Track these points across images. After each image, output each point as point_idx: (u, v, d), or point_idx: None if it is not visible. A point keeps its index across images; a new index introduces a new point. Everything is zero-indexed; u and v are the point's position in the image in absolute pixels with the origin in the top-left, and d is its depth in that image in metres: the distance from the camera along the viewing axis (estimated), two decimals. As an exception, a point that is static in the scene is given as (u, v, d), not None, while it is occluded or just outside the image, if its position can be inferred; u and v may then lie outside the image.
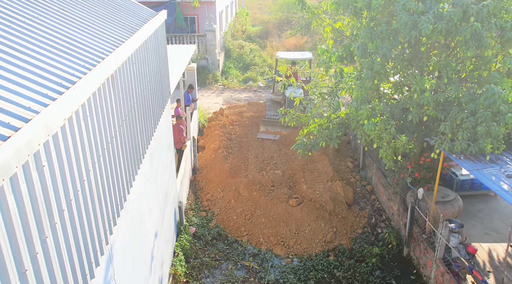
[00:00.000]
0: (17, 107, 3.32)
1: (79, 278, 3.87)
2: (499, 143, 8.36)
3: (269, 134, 15.61)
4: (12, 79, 3.60)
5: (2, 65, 3.69)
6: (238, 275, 9.86)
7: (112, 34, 6.10)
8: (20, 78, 3.70)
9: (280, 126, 15.29)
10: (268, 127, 15.88)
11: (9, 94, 3.39)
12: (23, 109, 3.33)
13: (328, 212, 11.41)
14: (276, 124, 15.65)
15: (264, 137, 15.45)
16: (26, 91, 3.57)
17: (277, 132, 15.61)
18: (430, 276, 9.32)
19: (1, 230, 2.66)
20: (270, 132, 15.74)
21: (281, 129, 15.53)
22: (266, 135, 15.51)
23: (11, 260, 2.75)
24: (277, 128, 15.68)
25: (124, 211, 5.42)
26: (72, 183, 3.74)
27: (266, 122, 16.02)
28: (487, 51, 8.35)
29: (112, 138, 4.94)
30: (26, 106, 3.40)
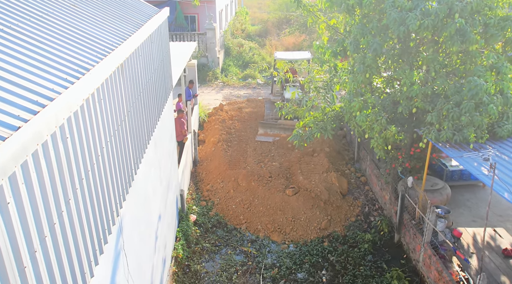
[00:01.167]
0: (42, 88, 3.83)
1: (95, 242, 4.38)
2: (483, 132, 8.87)
3: (268, 136, 15.59)
4: (37, 65, 4.11)
5: (27, 53, 4.19)
6: (237, 260, 10.38)
7: (120, 28, 6.61)
8: (42, 64, 4.21)
9: (279, 128, 15.39)
10: (266, 129, 15.87)
11: (34, 78, 3.90)
12: (47, 90, 3.84)
13: (323, 201, 11.93)
14: (275, 127, 15.68)
15: (262, 139, 15.38)
16: (48, 76, 4.08)
17: (275, 134, 15.58)
18: (418, 259, 9.83)
19: (31, 194, 3.17)
20: (269, 134, 15.70)
21: (279, 132, 15.53)
22: (264, 138, 15.48)
23: (44, 217, 3.26)
24: (275, 131, 15.69)
25: (132, 189, 5.93)
26: (89, 157, 4.25)
27: (265, 124, 15.96)
28: (472, 46, 8.87)
29: (122, 121, 5.45)
30: (50, 87, 3.90)
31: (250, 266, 10.16)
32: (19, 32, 4.56)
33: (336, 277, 9.83)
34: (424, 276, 9.57)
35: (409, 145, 10.87)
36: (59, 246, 3.52)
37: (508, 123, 9.07)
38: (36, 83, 3.84)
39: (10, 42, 4.22)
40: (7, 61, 3.84)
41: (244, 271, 9.97)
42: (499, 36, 9.17)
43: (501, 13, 9.35)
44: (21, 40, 4.43)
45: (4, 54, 3.93)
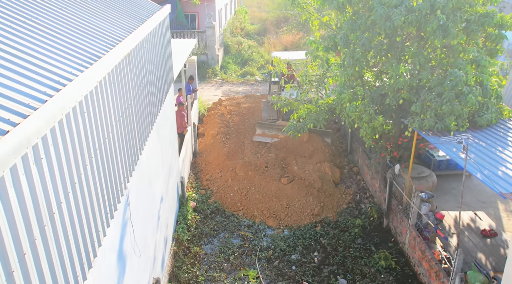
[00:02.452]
0: (63, 71, 4.44)
1: (107, 207, 5.00)
2: (464, 121, 9.48)
3: (266, 137, 15.58)
4: (56, 53, 4.72)
5: (47, 42, 4.81)
6: (234, 243, 11.00)
7: (126, 22, 7.24)
8: (61, 51, 4.82)
9: (277, 129, 15.47)
10: (264, 130, 15.81)
11: (55, 62, 4.51)
12: (67, 73, 4.45)
13: (316, 189, 12.55)
14: (272, 127, 15.71)
15: (260, 140, 15.41)
16: (67, 61, 4.69)
17: (273, 135, 15.59)
18: (404, 242, 10.46)
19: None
20: (267, 135, 15.67)
21: (277, 132, 15.53)
22: (262, 138, 15.50)
23: (64, 182, 3.87)
24: (273, 131, 15.66)
25: (137, 168, 6.55)
26: (101, 132, 4.87)
27: (262, 125, 15.88)
28: (453, 41, 9.49)
29: (129, 104, 6.08)
30: (69, 71, 4.52)
31: (247, 248, 10.79)
32: (38, 24, 5.18)
33: (327, 258, 10.45)
34: (409, 257, 10.19)
35: (397, 135, 11.49)
36: (79, 206, 4.13)
37: (487, 113, 9.68)
38: (57, 67, 4.46)
39: (32, 32, 4.83)
40: (31, 48, 4.46)
41: (240, 253, 10.59)
42: (479, 31, 9.81)
43: (481, 10, 9.97)
44: (41, 31, 5.04)
45: (28, 42, 4.55)
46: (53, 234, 3.56)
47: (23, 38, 4.55)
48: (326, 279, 9.73)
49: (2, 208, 2.86)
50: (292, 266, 10.19)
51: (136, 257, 6.41)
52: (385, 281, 9.59)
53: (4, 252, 2.86)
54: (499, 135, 9.23)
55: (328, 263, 10.27)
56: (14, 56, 4.13)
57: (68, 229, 3.86)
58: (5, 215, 2.89)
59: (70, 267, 3.88)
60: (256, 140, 15.38)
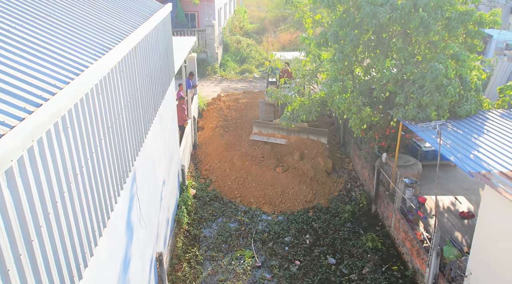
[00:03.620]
0: (80, 59, 5.17)
1: (118, 180, 5.73)
2: (444, 112, 10.21)
3: (263, 136, 15.54)
4: (73, 44, 5.45)
5: (65, 35, 5.54)
6: (232, 227, 11.73)
7: (131, 19, 7.97)
8: (77, 43, 5.55)
9: (274, 128, 15.46)
10: (261, 129, 15.74)
11: (72, 51, 5.24)
12: (83, 60, 5.18)
13: (309, 178, 13.29)
14: (269, 126, 15.63)
15: (257, 139, 15.38)
16: (83, 51, 5.42)
17: (270, 134, 15.52)
18: (390, 225, 11.19)
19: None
20: (263, 134, 15.62)
21: (274, 131, 15.49)
22: (259, 137, 15.46)
23: (80, 155, 4.60)
24: (270, 130, 15.58)
25: (142, 150, 7.29)
26: (113, 113, 5.60)
27: (259, 123, 15.79)
28: (434, 37, 10.23)
29: (135, 92, 6.81)
30: (85, 59, 5.25)
31: (243, 231, 11.52)
32: (57, 19, 5.91)
33: (318, 240, 11.18)
34: (394, 238, 10.93)
35: (385, 127, 12.21)
36: (97, 175, 4.86)
37: (467, 104, 10.40)
38: (75, 56, 5.19)
39: (52, 26, 5.56)
40: (53, 40, 5.18)
41: (237, 235, 11.32)
42: (459, 28, 10.54)
43: (461, 8, 10.70)
44: (59, 25, 5.78)
45: (49, 34, 5.27)
46: (77, 195, 4.29)
47: (45, 31, 5.28)
48: (316, 258, 10.46)
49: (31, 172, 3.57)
50: (285, 247, 10.93)
51: (142, 229, 7.14)
52: (371, 260, 10.31)
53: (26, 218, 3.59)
54: (477, 124, 9.95)
55: (319, 244, 11.00)
56: (39, 45, 4.85)
57: (87, 194, 4.59)
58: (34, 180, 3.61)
59: (89, 223, 4.61)
60: (253, 139, 15.48)
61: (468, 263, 7.66)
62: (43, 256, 3.54)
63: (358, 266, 10.13)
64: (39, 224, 3.49)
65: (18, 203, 3.20)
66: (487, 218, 7.17)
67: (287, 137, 15.12)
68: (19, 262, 3.14)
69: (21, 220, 3.25)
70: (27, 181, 3.36)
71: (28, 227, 3.31)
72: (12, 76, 3.95)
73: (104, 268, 5.16)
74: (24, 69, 4.21)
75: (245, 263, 10.27)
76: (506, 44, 19.97)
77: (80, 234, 4.34)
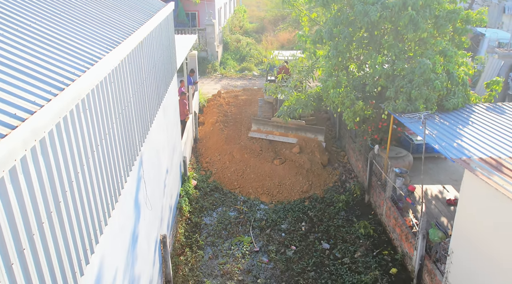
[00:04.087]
0: (94, 51, 5.75)
1: (128, 162, 6.31)
2: (432, 105, 10.78)
3: (261, 133, 15.69)
4: (88, 38, 6.02)
5: (80, 30, 6.12)
6: (231, 215, 12.31)
7: (137, 16, 8.54)
8: (90, 38, 6.12)
9: (272, 125, 15.66)
10: (260, 126, 15.88)
11: (87, 44, 5.82)
12: (97, 53, 5.75)
13: (305, 170, 13.86)
14: (267, 124, 15.77)
15: (255, 136, 15.53)
16: (96, 44, 6.00)
17: (268, 131, 15.69)
18: (382, 213, 11.77)
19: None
20: (262, 131, 15.75)
21: (272, 129, 15.71)
22: (257, 134, 15.60)
23: (92, 139, 5.17)
24: (269, 128, 15.76)
25: (148, 137, 7.86)
26: (123, 100, 6.17)
27: (258, 121, 15.93)
28: (423, 34, 10.80)
29: (141, 84, 7.38)
30: (98, 51, 5.83)
31: (242, 219, 12.10)
32: (70, 16, 6.49)
33: (313, 227, 11.76)
34: (386, 225, 11.50)
35: (378, 120, 12.78)
36: (110, 155, 5.43)
37: (454, 98, 10.97)
38: (89, 49, 5.77)
39: (67, 22, 6.14)
40: (67, 33, 5.75)
41: (236, 223, 11.90)
42: (447, 26, 11.11)
43: (449, 7, 11.27)
44: (72, 21, 6.35)
45: (64, 28, 5.84)
46: (93, 170, 4.86)
47: (61, 26, 5.85)
48: (311, 244, 11.04)
49: (59, 145, 4.15)
50: (282, 233, 11.51)
51: (148, 210, 7.71)
52: (363, 245, 10.89)
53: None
54: (463, 116, 10.52)
55: (314, 231, 11.57)
56: (57, 39, 5.42)
57: (102, 170, 5.16)
58: (61, 155, 4.19)
59: (104, 197, 5.18)
60: (252, 136, 15.64)
61: (451, 242, 8.24)
62: (69, 221, 4.11)
63: (350, 250, 10.71)
64: (65, 189, 4.06)
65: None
66: (467, 200, 7.74)
67: (285, 134, 15.55)
68: (41, 228, 3.70)
69: (52, 187, 3.82)
70: (57, 154, 3.93)
71: (57, 191, 3.89)
72: (36, 64, 4.52)
73: (116, 238, 5.74)
74: (46, 59, 4.78)
75: (243, 248, 10.84)
76: (499, 42, 20.53)
77: (97, 205, 4.91)
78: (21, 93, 3.88)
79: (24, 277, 3.30)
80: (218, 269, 10.15)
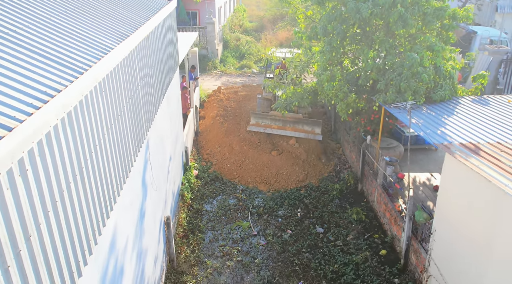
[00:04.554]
0: (106, 43, 6.39)
1: (136, 144, 6.95)
2: (420, 97, 11.42)
3: (259, 127, 15.99)
4: (101, 31, 6.67)
5: (93, 24, 6.76)
6: (231, 202, 12.96)
7: (143, 12, 9.18)
8: (100, 30, 6.77)
9: (271, 119, 15.95)
10: (258, 120, 16.15)
11: (98, 37, 6.46)
12: (108, 44, 6.39)
13: (302, 160, 14.51)
14: (266, 118, 16.06)
15: (254, 129, 15.89)
16: (107, 35, 6.64)
17: (267, 125, 15.97)
18: (374, 200, 12.42)
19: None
20: (260, 125, 16.05)
21: (271, 123, 15.99)
22: (256, 128, 15.91)
23: (103, 123, 5.81)
24: (267, 122, 16.04)
25: (153, 124, 8.51)
26: (132, 87, 6.81)
27: (256, 115, 16.26)
28: (412, 30, 11.44)
29: (148, 74, 8.03)
30: (110, 42, 6.47)
31: (241, 206, 12.75)
32: (83, 11, 7.14)
33: (308, 213, 12.41)
34: (377, 211, 12.15)
35: (370, 112, 13.43)
36: (120, 136, 6.08)
37: (441, 90, 11.62)
38: (101, 40, 6.41)
39: (80, 15, 6.78)
40: (81, 26, 6.40)
41: (236, 209, 12.55)
42: (434, 22, 11.75)
43: (436, 4, 11.90)
44: (85, 16, 7.00)
45: (79, 21, 6.49)
46: (109, 147, 5.50)
47: (76, 20, 6.50)
48: (306, 228, 11.69)
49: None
50: (279, 219, 12.16)
51: (153, 191, 8.36)
52: (355, 229, 11.54)
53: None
54: (449, 107, 11.16)
55: (309, 217, 12.22)
56: (73, 31, 6.06)
57: (116, 148, 5.81)
58: (81, 130, 4.83)
59: (116, 172, 5.83)
60: (250, 130, 16.03)
61: (433, 222, 8.89)
62: (90, 188, 4.76)
63: (343, 234, 11.36)
64: (86, 158, 4.71)
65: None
66: (447, 181, 8.40)
67: (283, 128, 15.92)
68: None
69: (77, 157, 4.46)
70: (80, 128, 4.57)
71: (81, 161, 4.53)
72: (59, 52, 5.16)
73: (126, 211, 6.38)
74: (67, 47, 5.42)
75: (242, 232, 11.49)
76: (490, 40, 21.17)
77: (111, 178, 5.56)
78: (48, 75, 4.53)
79: (57, 227, 3.93)
80: (218, 250, 10.80)
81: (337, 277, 9.85)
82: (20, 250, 3.24)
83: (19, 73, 4.19)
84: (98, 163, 5.09)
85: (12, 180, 3.19)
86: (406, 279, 9.70)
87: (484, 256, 7.16)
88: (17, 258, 3.22)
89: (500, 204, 6.74)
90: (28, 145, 3.44)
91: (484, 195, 7.16)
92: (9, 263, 3.08)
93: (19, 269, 3.25)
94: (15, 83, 3.99)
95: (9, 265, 3.08)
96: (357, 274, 9.89)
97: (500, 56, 17.36)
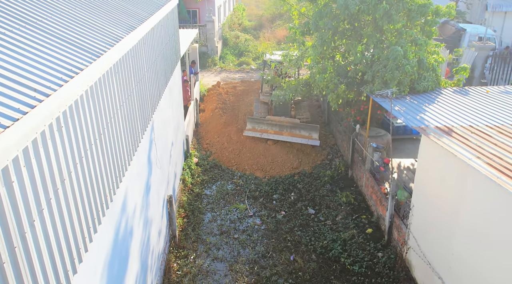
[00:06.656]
0: (116, 33, 7.26)
1: (142, 124, 7.83)
2: (405, 87, 12.28)
3: (256, 132, 15.95)
4: (112, 22, 7.54)
5: (107, 14, 7.63)
6: (229, 188, 13.83)
7: (148, 7, 10.05)
8: (109, 23, 7.63)
9: (267, 124, 15.87)
10: (254, 125, 16.03)
11: (109, 28, 7.33)
12: (118, 34, 7.26)
13: (296, 149, 15.38)
14: (263, 122, 15.95)
15: (250, 134, 15.88)
16: (117, 26, 7.51)
17: (263, 130, 15.93)
18: (362, 184, 13.29)
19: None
20: (257, 130, 15.99)
21: (267, 127, 15.91)
22: (252, 133, 15.89)
23: (112, 106, 6.68)
24: (263, 127, 15.95)
25: (157, 109, 9.38)
26: (139, 76, 7.68)
27: (253, 120, 16.09)
28: (397, 25, 12.32)
29: (152, 63, 8.90)
30: (120, 32, 7.34)
31: (238, 191, 13.62)
32: (94, 5, 8.02)
33: (301, 196, 13.29)
34: (365, 194, 13.02)
35: (359, 103, 14.30)
36: (130, 116, 6.94)
37: (424, 81, 12.48)
38: (112, 30, 7.29)
39: (92, 9, 7.66)
40: (94, 18, 7.27)
41: (233, 193, 13.43)
42: (418, 18, 12.63)
43: (420, 1, 12.77)
44: (97, 9, 7.87)
45: (92, 14, 7.35)
46: (120, 125, 6.37)
47: (90, 13, 7.37)
48: (299, 210, 12.56)
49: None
50: (273, 201, 13.03)
51: (158, 169, 9.23)
52: (344, 211, 12.41)
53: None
54: (431, 97, 12.03)
55: (301, 200, 13.10)
56: (90, 22, 6.93)
57: (126, 126, 6.68)
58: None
59: (126, 148, 6.70)
60: (247, 135, 15.87)
61: (412, 198, 9.76)
62: (107, 154, 5.62)
63: (333, 215, 12.23)
64: (100, 132, 5.58)
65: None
66: (423, 159, 9.27)
67: (280, 133, 15.92)
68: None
69: (92, 128, 5.33)
70: (95, 106, 5.45)
71: (95, 132, 5.40)
72: (76, 38, 6.03)
73: (134, 181, 7.26)
74: (82, 34, 6.30)
75: (239, 213, 12.36)
76: (479, 37, 22.04)
77: (122, 149, 6.43)
78: (72, 57, 5.40)
79: (83, 182, 4.80)
80: (217, 229, 11.67)
81: (326, 251, 10.72)
82: (51, 198, 4.11)
83: (48, 54, 5.05)
84: (112, 134, 5.97)
85: (45, 141, 4.07)
86: (389, 252, 10.56)
87: (452, 221, 8.03)
88: (48, 206, 4.10)
89: (465, 176, 7.62)
90: (62, 108, 4.31)
91: (453, 169, 8.04)
92: (34, 218, 3.94)
93: (51, 214, 4.12)
94: (46, 61, 4.86)
95: (43, 208, 3.95)
96: (344, 249, 10.76)
97: (486, 52, 18.24)
